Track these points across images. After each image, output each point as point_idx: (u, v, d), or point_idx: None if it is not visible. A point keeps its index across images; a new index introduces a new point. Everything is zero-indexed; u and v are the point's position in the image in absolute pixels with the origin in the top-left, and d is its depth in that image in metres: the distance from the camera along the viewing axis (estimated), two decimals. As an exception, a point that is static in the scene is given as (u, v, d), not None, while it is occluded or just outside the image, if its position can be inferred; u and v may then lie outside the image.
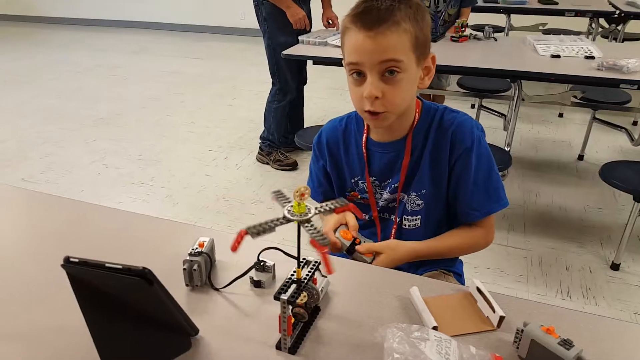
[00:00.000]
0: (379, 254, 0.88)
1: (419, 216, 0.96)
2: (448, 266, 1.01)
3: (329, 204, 0.63)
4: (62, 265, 0.56)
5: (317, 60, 2.27)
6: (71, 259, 0.56)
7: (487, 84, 2.87)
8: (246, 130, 3.29)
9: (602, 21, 3.51)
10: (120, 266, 0.55)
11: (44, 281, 0.79)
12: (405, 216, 0.97)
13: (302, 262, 0.66)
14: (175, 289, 0.75)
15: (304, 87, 2.79)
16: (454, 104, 2.49)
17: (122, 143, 3.13)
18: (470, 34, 2.51)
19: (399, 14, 0.79)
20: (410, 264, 0.94)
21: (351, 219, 0.91)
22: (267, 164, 2.78)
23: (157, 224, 0.96)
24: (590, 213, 2.31)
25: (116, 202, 2.43)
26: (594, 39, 3.40)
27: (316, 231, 0.57)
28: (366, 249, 0.88)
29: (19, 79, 4.51)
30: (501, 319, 0.67)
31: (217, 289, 0.76)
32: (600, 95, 2.61)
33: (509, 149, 2.34)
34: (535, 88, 3.34)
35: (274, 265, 0.77)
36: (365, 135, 0.96)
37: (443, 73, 2.75)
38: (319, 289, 0.70)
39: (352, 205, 0.62)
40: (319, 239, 0.56)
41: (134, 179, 2.67)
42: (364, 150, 0.96)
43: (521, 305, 0.72)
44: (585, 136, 2.83)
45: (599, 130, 2.97)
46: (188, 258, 0.75)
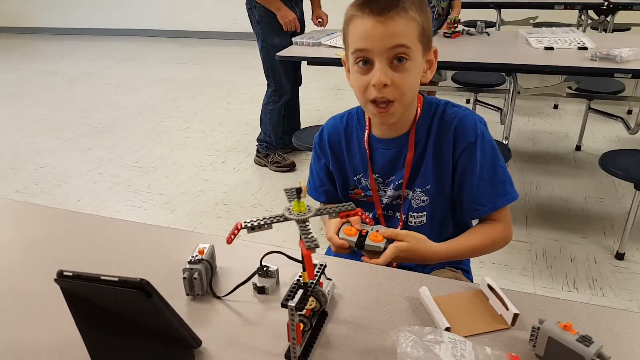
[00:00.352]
0: (400, 242, 0.83)
1: (425, 212, 0.94)
2: (456, 262, 0.99)
3: (333, 207, 0.61)
4: (55, 280, 0.54)
5: (311, 61, 2.25)
6: (65, 273, 0.54)
7: (481, 78, 2.86)
8: (243, 133, 3.26)
9: (591, 13, 3.52)
10: (117, 278, 0.53)
11: (37, 296, 0.76)
12: (410, 213, 0.94)
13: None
14: (175, 299, 0.72)
15: (299, 88, 2.78)
16: (449, 99, 2.47)
17: (117, 151, 3.09)
18: (463, 29, 2.49)
19: (406, 2, 0.79)
20: None
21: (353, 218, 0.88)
22: (265, 166, 2.75)
23: (154, 231, 0.93)
24: (591, 203, 2.29)
25: (114, 211, 2.40)
26: (584, 31, 3.40)
27: (308, 232, 0.55)
28: (389, 233, 0.83)
29: (11, 90, 4.46)
30: (515, 316, 0.65)
31: (219, 297, 0.74)
32: (594, 85, 2.61)
33: (507, 142, 2.33)
34: (530, 81, 3.34)
35: (277, 270, 0.75)
36: (367, 131, 0.94)
37: (438, 69, 2.74)
38: (326, 292, 0.67)
39: (359, 210, 0.59)
40: (307, 241, 0.54)
41: (130, 187, 2.64)
42: (366, 147, 0.94)
43: (533, 301, 0.70)
44: (581, 127, 2.83)
45: (594, 120, 2.96)
46: (188, 266, 0.73)
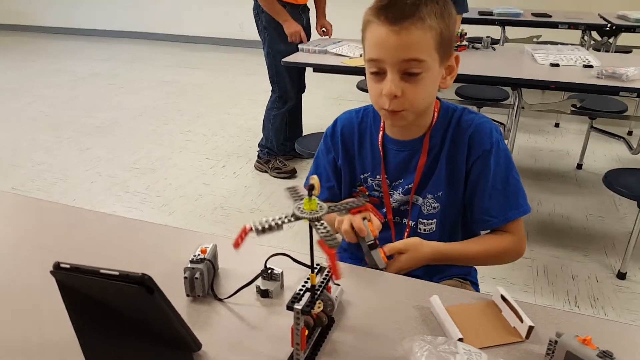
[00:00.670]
0: (400, 254, 0.82)
1: (435, 220, 0.91)
2: (464, 274, 0.96)
3: (344, 204, 0.58)
4: (51, 272, 0.51)
5: (317, 68, 2.24)
6: (61, 265, 0.51)
7: (484, 93, 2.86)
8: (244, 138, 3.24)
9: (594, 34, 3.55)
10: (117, 272, 0.50)
11: (31, 290, 0.73)
12: (420, 219, 0.92)
13: (315, 268, 0.61)
14: (175, 300, 0.69)
15: (302, 95, 2.77)
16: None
17: (117, 151, 3.07)
18: (469, 44, 2.50)
19: (424, 10, 0.76)
20: (425, 272, 0.88)
21: (373, 218, 0.84)
22: (266, 172, 2.73)
23: (154, 229, 0.90)
24: (592, 222, 2.28)
25: (110, 211, 2.36)
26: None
27: (327, 231, 0.52)
28: (389, 248, 0.82)
29: (14, 87, 4.44)
30: (530, 329, 0.62)
31: (220, 300, 0.71)
32: (597, 105, 2.62)
33: (510, 157, 2.32)
34: (532, 98, 3.34)
35: (282, 273, 0.72)
36: (381, 132, 0.92)
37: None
38: (334, 298, 0.64)
39: (369, 205, 0.57)
40: (328, 239, 0.51)
41: (128, 188, 2.60)
42: (380, 147, 0.92)
43: (548, 314, 0.68)
44: (583, 145, 2.83)
45: (595, 139, 2.97)
46: (189, 265, 0.70)
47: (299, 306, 0.54)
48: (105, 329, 0.56)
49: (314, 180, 0.55)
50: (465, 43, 2.47)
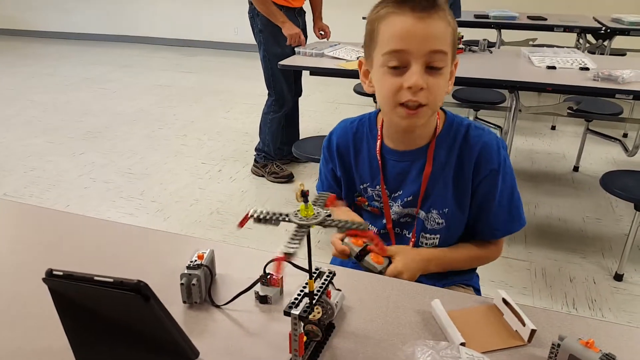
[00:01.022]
0: (392, 259, 0.82)
1: (438, 236, 0.90)
2: (466, 280, 0.96)
3: (343, 222, 0.56)
4: (43, 279, 0.49)
5: (313, 71, 2.24)
6: (54, 272, 0.49)
7: (480, 96, 2.87)
8: (240, 142, 3.23)
9: (589, 37, 3.58)
10: (112, 279, 0.49)
11: (23, 298, 0.71)
12: (423, 233, 0.91)
13: (314, 273, 0.60)
14: (172, 306, 0.67)
15: (299, 99, 2.76)
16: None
17: (111, 156, 3.04)
18: (465, 46, 2.51)
19: (443, 5, 0.75)
20: (427, 277, 0.88)
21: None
22: (263, 176, 2.72)
23: (150, 235, 0.89)
24: (589, 224, 2.28)
25: (104, 217, 2.34)
26: (582, 54, 3.46)
27: (295, 238, 0.51)
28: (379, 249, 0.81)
29: (6, 92, 4.41)
30: (532, 332, 0.61)
31: (218, 306, 0.69)
32: (593, 107, 2.63)
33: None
34: (528, 101, 3.36)
35: (281, 278, 0.71)
36: (379, 141, 0.90)
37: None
38: (334, 304, 0.63)
39: (370, 232, 0.54)
40: (286, 244, 0.50)
41: (122, 193, 2.58)
42: (378, 157, 0.90)
43: (549, 317, 0.67)
44: (579, 148, 2.84)
45: (591, 142, 2.98)
46: (186, 272, 0.69)
47: (296, 311, 0.53)
48: (100, 337, 0.55)
49: (302, 187, 0.54)
50: (461, 46, 2.47)
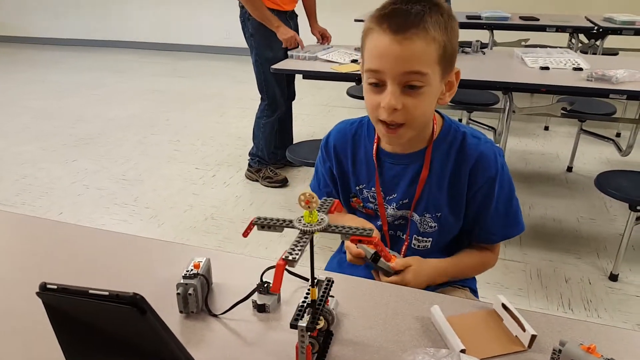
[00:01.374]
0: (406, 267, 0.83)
1: (430, 239, 0.91)
2: (462, 281, 0.96)
3: (347, 228, 0.54)
4: (37, 294, 0.48)
5: (306, 75, 2.24)
6: (48, 286, 0.48)
7: (474, 97, 2.87)
8: (234, 147, 3.22)
9: (581, 37, 3.61)
10: (107, 293, 0.48)
11: (16, 312, 0.70)
12: (416, 236, 0.91)
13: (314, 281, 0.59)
14: (168, 317, 0.67)
15: (292, 102, 2.76)
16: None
17: (104, 162, 3.02)
18: (458, 48, 2.52)
19: (429, 21, 0.72)
20: None
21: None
22: (257, 181, 2.70)
23: (145, 244, 0.88)
24: (583, 224, 2.29)
25: (98, 225, 2.31)
26: (574, 54, 3.48)
27: (298, 245, 0.51)
28: (396, 262, 0.83)
29: (-4, 99, 4.37)
30: (533, 337, 0.61)
31: (215, 315, 0.68)
32: (586, 108, 2.64)
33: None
34: (521, 102, 3.38)
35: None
36: (375, 144, 0.90)
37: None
38: (332, 311, 0.63)
39: (375, 238, 0.54)
40: (288, 251, 0.49)
41: (116, 200, 2.56)
42: (374, 159, 0.90)
43: (549, 322, 0.67)
44: (573, 148, 2.85)
45: (584, 142, 3.00)
46: (182, 281, 0.68)
47: (303, 324, 0.52)
48: (96, 351, 0.53)
49: (311, 193, 0.53)
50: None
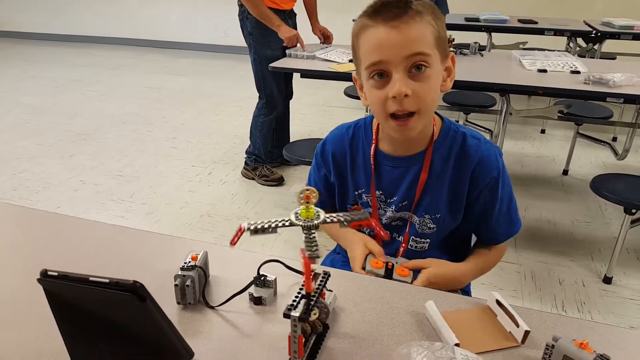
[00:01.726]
0: (423, 268, 0.85)
1: (428, 240, 0.91)
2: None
3: (344, 215, 0.56)
4: (38, 280, 0.49)
5: (304, 74, 2.24)
6: (49, 273, 0.49)
7: (470, 99, 2.89)
8: (231, 145, 3.22)
9: (579, 40, 3.63)
10: (107, 280, 0.48)
11: (16, 300, 0.70)
12: (414, 237, 0.91)
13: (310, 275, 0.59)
14: (166, 308, 0.67)
15: (290, 101, 2.76)
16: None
17: (100, 159, 3.01)
18: (456, 49, 2.53)
19: (420, 8, 0.75)
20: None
21: (373, 246, 0.86)
22: (253, 179, 2.71)
23: (143, 237, 0.88)
24: (578, 227, 2.31)
25: (94, 220, 2.31)
26: (572, 58, 3.50)
27: (312, 241, 0.52)
28: (413, 265, 0.84)
29: (-8, 93, 4.35)
30: (526, 333, 0.62)
31: (212, 307, 0.69)
32: (583, 111, 2.66)
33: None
34: (518, 104, 3.40)
35: (275, 279, 0.70)
36: (373, 146, 0.90)
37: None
38: (328, 304, 0.63)
39: (372, 220, 0.54)
40: (308, 249, 0.51)
41: (112, 196, 2.55)
42: (372, 162, 0.89)
43: (542, 319, 0.67)
44: (569, 151, 2.87)
45: (581, 145, 3.02)
46: (180, 273, 0.68)
47: (295, 313, 0.53)
48: (95, 338, 0.54)
49: (310, 189, 0.54)
50: (452, 49, 2.49)
